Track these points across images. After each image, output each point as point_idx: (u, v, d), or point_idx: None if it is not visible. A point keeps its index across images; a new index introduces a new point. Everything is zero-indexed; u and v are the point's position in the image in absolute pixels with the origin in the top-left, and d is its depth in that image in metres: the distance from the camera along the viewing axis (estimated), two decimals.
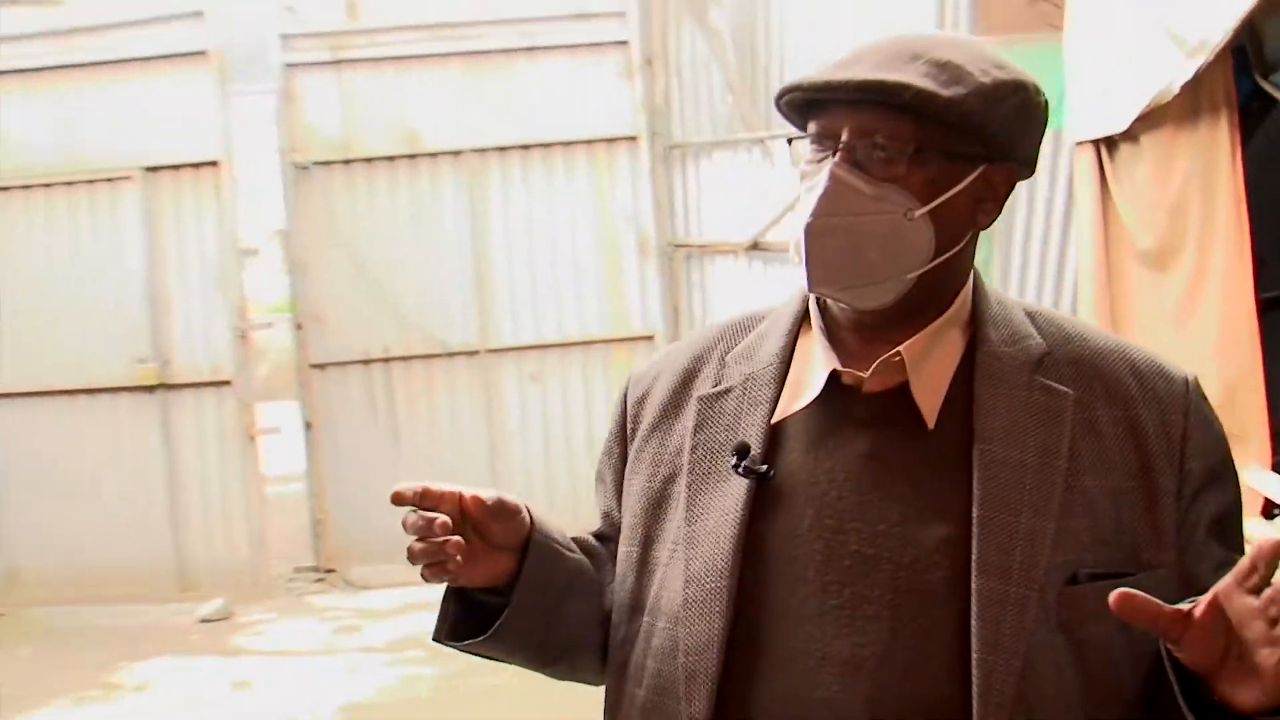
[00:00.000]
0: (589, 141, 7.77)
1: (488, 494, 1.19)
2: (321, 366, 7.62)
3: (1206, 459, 1.17)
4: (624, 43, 7.75)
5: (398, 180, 7.86)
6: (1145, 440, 1.15)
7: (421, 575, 1.16)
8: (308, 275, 7.71)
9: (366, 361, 7.65)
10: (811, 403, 1.22)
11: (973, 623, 1.08)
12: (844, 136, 1.16)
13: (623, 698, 1.24)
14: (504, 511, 1.20)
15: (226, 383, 7.35)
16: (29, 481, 7.22)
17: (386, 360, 7.67)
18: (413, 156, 7.81)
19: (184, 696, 5.69)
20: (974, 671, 1.08)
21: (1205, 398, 1.20)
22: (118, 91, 7.32)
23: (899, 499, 1.17)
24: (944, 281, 1.20)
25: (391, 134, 7.79)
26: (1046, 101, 1.21)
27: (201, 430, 7.37)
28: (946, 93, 1.12)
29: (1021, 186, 1.27)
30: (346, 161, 7.78)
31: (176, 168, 7.39)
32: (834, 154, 1.16)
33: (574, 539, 1.33)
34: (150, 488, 7.26)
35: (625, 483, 1.31)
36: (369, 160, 7.79)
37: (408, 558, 1.15)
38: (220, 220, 7.43)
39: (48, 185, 7.34)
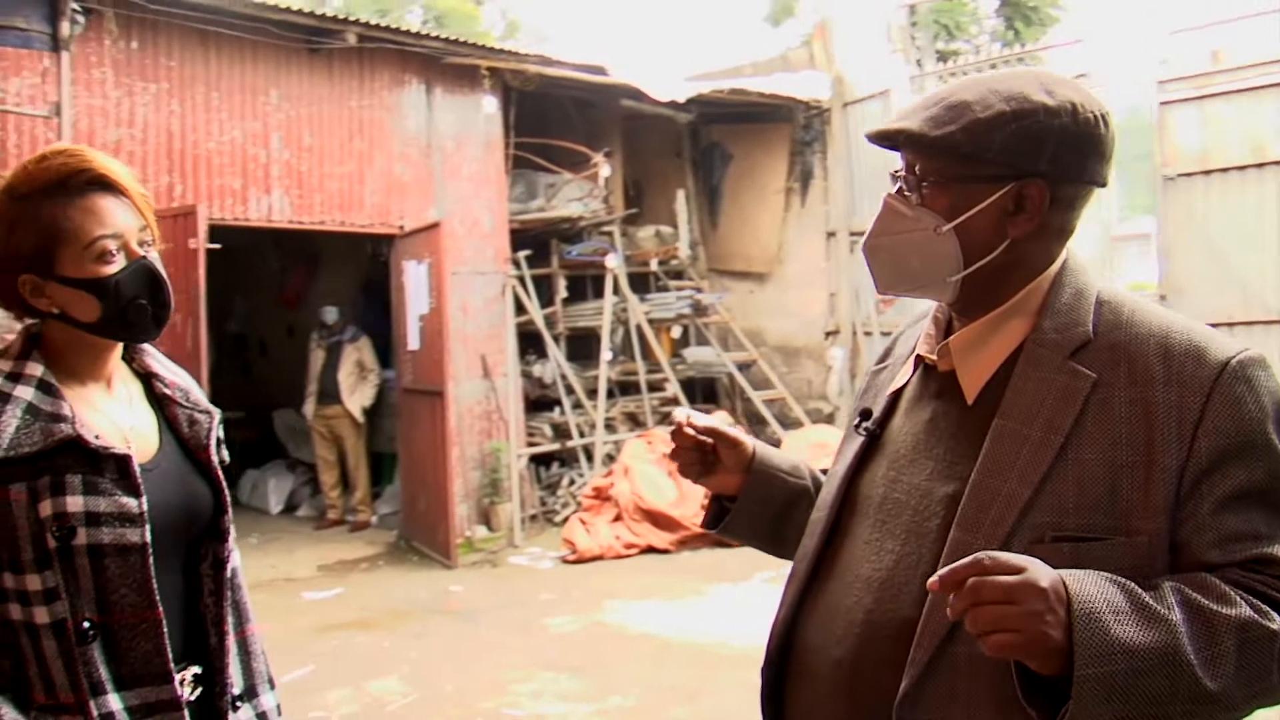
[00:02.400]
0: None
1: (710, 427, 1.64)
2: None
3: (1223, 438, 1.23)
4: None
5: (1247, 184, 10.25)
6: (1155, 420, 1.24)
7: (679, 470, 1.66)
8: (1172, 259, 10.51)
9: (1215, 325, 10.23)
10: (911, 377, 1.51)
11: (939, 563, 1.25)
12: (899, 171, 1.42)
13: None
14: (724, 440, 1.65)
15: None
16: None
17: (1230, 325, 10.18)
18: (1260, 166, 10.15)
19: None
20: (926, 601, 1.29)
21: (1250, 379, 1.26)
22: None
23: (934, 458, 1.40)
24: (997, 281, 1.38)
25: (1244, 147, 10.20)
26: (1070, 121, 1.31)
27: None
28: (935, 132, 1.33)
29: None
30: (1206, 172, 10.40)
31: None
32: (898, 184, 1.42)
33: (818, 470, 1.71)
34: None
35: None
36: (1224, 170, 10.30)
37: (670, 455, 1.68)
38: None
39: None
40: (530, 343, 10.06)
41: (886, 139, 1.41)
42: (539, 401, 10.11)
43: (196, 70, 7.49)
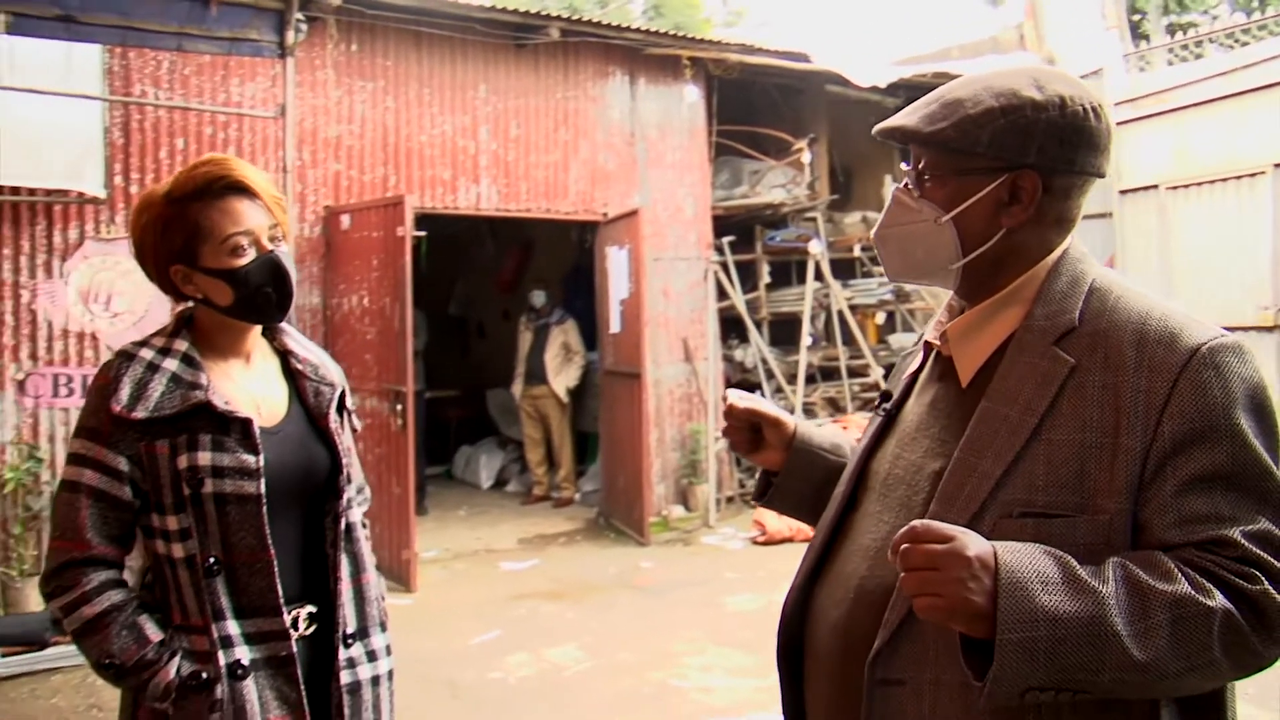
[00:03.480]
0: None
1: (754, 408, 1.76)
2: None
3: (1187, 422, 1.26)
4: None
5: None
6: (1123, 404, 1.29)
7: (730, 446, 1.79)
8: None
9: None
10: (924, 362, 1.61)
11: (889, 552, 1.28)
12: (906, 167, 1.52)
13: None
14: (767, 421, 1.76)
15: None
16: None
17: None
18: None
19: None
20: None
21: (1219, 365, 1.28)
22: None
23: (930, 437, 1.48)
24: (996, 269, 1.45)
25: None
26: (1057, 115, 1.38)
27: None
28: (928, 129, 1.42)
29: None
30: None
31: None
32: (905, 180, 1.51)
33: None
34: None
35: None
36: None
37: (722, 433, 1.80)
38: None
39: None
40: (732, 327, 10.19)
41: (889, 136, 1.50)
42: (740, 385, 10.21)
43: (410, 68, 7.98)
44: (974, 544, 1.23)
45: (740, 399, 1.77)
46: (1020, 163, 1.39)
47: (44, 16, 5.46)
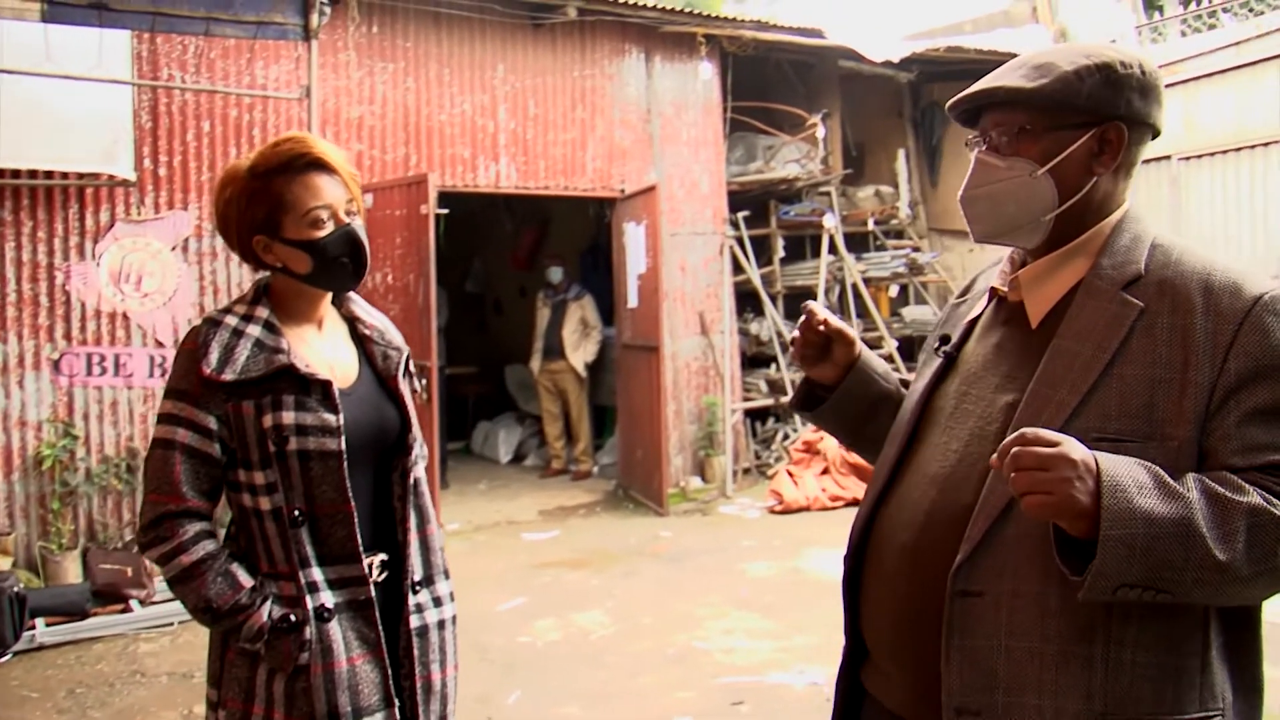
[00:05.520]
0: None
1: (835, 325, 1.85)
2: None
3: (1251, 360, 1.39)
4: None
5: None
6: (1192, 343, 1.42)
7: (794, 355, 1.89)
8: None
9: None
10: (985, 308, 1.72)
11: (994, 459, 1.40)
12: (985, 130, 1.62)
13: None
14: (842, 338, 1.86)
15: None
16: None
17: None
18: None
19: None
20: (984, 490, 1.51)
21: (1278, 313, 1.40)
22: None
23: (999, 374, 1.60)
24: (1076, 221, 1.58)
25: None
26: (1139, 72, 1.54)
27: None
28: (1030, 85, 1.54)
29: None
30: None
31: None
32: (982, 144, 1.62)
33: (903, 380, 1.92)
34: None
35: None
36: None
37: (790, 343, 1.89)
38: None
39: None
40: (747, 301, 10.31)
41: (980, 98, 1.62)
42: (755, 358, 10.36)
43: (430, 49, 8.10)
44: (1078, 449, 1.35)
45: (821, 310, 1.87)
46: (1112, 114, 1.53)
47: (77, 4, 5.60)
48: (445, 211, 7.60)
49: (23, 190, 6.54)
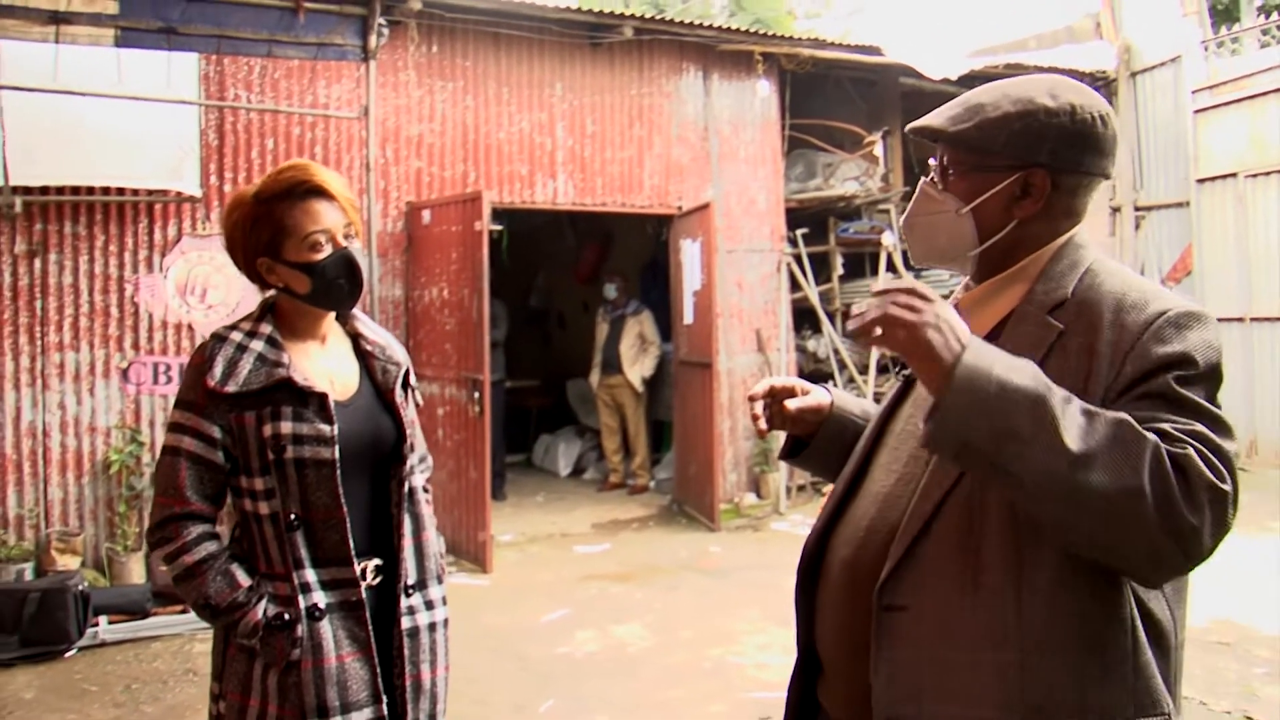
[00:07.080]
0: None
1: (796, 404, 1.92)
2: None
3: (1146, 362, 1.43)
4: None
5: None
6: (1096, 361, 1.47)
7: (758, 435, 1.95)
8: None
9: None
10: None
11: (926, 480, 1.56)
12: (935, 161, 1.68)
13: None
14: (808, 408, 1.93)
15: None
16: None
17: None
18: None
19: None
20: (908, 508, 1.58)
21: (1180, 325, 1.44)
22: None
23: None
24: (1006, 255, 1.63)
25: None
26: (1067, 120, 1.56)
27: None
28: (953, 128, 1.60)
29: None
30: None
31: None
32: (930, 174, 1.68)
33: None
34: None
35: None
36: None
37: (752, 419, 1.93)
38: None
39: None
40: (805, 318, 10.32)
41: (919, 134, 1.67)
42: (812, 375, 10.33)
43: (488, 68, 8.29)
44: (952, 313, 1.40)
45: (763, 386, 1.93)
46: (1032, 162, 1.57)
47: (148, 29, 5.87)
48: (499, 228, 7.75)
49: (96, 206, 6.84)
